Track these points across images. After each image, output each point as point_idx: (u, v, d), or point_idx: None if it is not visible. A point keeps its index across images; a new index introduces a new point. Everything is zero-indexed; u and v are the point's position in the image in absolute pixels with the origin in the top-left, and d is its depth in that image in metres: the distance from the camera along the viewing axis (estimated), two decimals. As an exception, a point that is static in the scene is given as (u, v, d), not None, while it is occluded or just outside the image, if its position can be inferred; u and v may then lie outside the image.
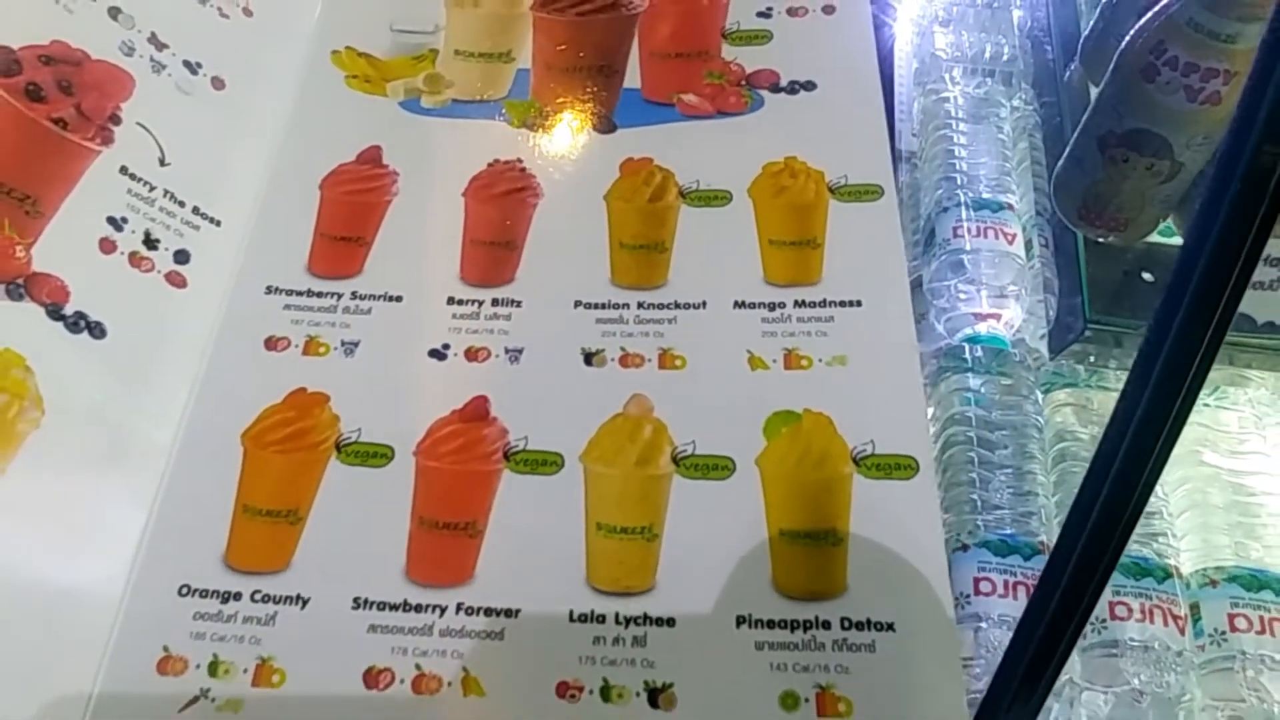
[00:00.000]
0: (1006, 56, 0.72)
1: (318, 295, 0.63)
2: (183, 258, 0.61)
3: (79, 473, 0.54)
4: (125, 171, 0.61)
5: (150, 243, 0.60)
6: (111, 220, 0.59)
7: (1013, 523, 0.54)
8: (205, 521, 0.55)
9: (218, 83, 0.68)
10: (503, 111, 0.72)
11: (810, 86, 0.70)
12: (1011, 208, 0.64)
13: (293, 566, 0.54)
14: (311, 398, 0.59)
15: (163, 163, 0.63)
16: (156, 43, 0.65)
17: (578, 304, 0.62)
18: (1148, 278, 0.61)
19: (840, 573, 0.52)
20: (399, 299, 0.63)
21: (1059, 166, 0.62)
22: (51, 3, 0.61)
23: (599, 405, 0.57)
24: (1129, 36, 0.53)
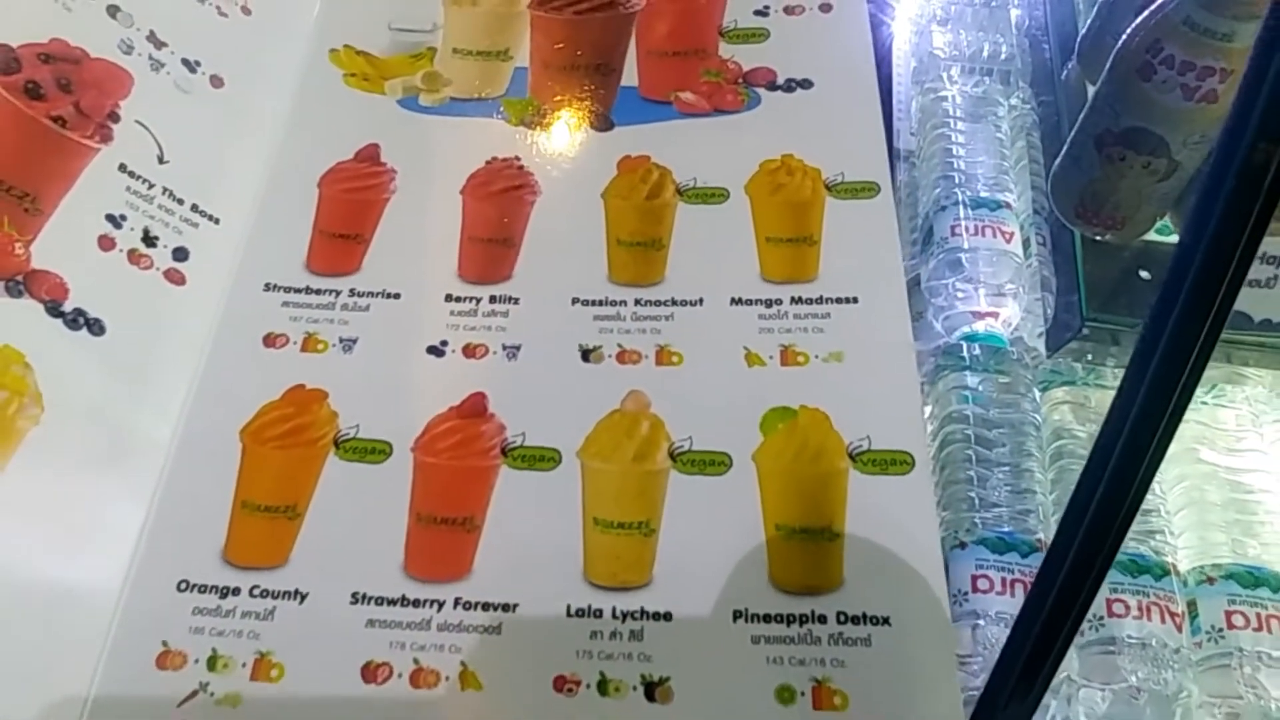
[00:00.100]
0: (1004, 55, 0.72)
1: (316, 292, 0.63)
2: (181, 255, 0.62)
3: (78, 469, 0.54)
4: (124, 169, 0.61)
5: (149, 240, 0.60)
6: (110, 218, 0.59)
7: (1010, 520, 0.54)
8: (204, 517, 0.55)
9: (216, 81, 0.68)
10: (501, 109, 0.72)
11: (807, 84, 0.70)
12: (1009, 206, 0.64)
13: (291, 562, 0.54)
14: (310, 394, 0.59)
15: (161, 160, 0.63)
16: (155, 41, 0.65)
17: (575, 301, 0.62)
18: (1145, 276, 0.61)
19: (836, 567, 0.52)
20: (397, 296, 0.63)
21: (1056, 165, 0.62)
22: (51, 1, 0.61)
23: (596, 401, 0.58)
24: (1126, 35, 0.53)
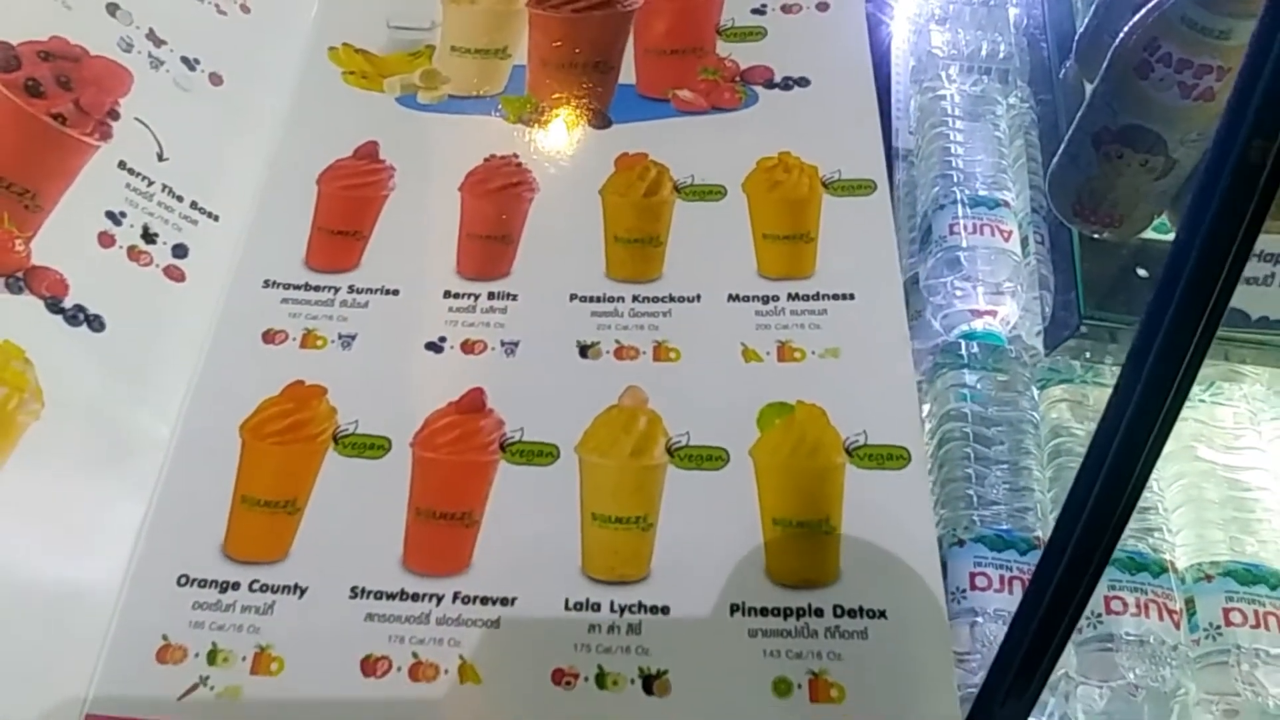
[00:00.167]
0: (1003, 54, 0.72)
1: (315, 289, 0.63)
2: (181, 252, 0.62)
3: (77, 465, 0.54)
4: (124, 166, 0.61)
5: (149, 237, 0.60)
6: (110, 214, 0.59)
7: (1008, 518, 0.54)
8: (204, 512, 0.55)
9: (215, 78, 0.68)
10: (499, 107, 0.72)
11: (804, 82, 0.70)
12: (1008, 205, 0.64)
13: (291, 556, 0.54)
14: (309, 390, 0.59)
15: (161, 158, 0.63)
16: (154, 39, 0.65)
17: (573, 297, 0.62)
18: (1142, 274, 0.61)
19: (833, 561, 0.52)
20: (396, 292, 0.63)
21: (1054, 163, 0.62)
22: (50, -1, 0.61)
23: (594, 397, 0.58)
24: (1123, 33, 0.53)
